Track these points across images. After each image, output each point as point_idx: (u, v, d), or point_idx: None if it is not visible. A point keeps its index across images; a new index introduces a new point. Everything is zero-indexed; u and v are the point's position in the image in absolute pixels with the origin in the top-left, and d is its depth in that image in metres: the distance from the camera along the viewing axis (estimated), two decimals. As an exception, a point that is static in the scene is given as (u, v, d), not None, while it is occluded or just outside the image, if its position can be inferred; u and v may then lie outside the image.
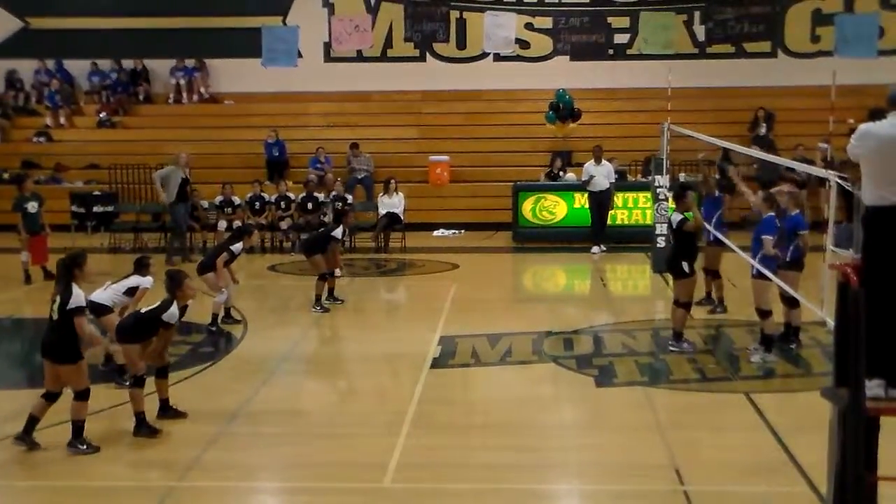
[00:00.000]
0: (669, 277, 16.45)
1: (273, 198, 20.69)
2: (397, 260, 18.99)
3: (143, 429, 8.82)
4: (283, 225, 20.25)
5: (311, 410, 10.07)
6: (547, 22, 23.66)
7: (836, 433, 5.46)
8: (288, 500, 7.90)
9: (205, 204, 20.36)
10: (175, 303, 9.00)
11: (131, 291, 10.68)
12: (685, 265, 11.56)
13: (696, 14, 23.72)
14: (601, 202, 19.43)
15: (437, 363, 11.26)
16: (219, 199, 20.32)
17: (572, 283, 18.02)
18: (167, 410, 9.28)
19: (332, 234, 14.47)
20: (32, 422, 8.48)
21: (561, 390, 10.50)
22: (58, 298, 8.35)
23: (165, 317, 8.89)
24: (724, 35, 20.91)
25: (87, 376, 8.58)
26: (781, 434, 8.70)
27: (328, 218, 19.96)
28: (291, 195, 20.71)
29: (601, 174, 19.40)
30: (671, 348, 11.61)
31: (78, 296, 8.35)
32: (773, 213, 11.03)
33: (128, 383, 9.19)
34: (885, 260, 5.56)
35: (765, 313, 10.96)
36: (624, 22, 22.95)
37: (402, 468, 8.07)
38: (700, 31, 23.80)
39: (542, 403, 10.02)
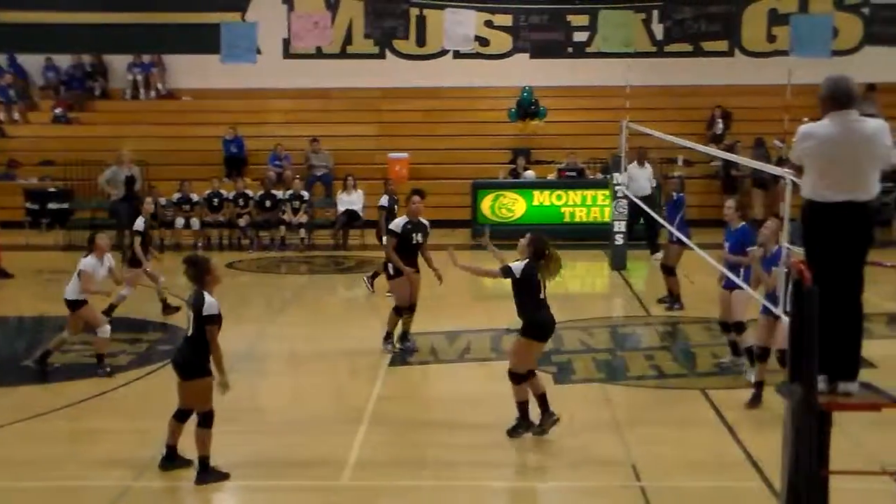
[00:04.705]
0: (628, 275, 16.66)
1: (231, 195, 20.56)
2: (356, 257, 18.93)
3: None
4: (242, 222, 20.14)
5: (268, 408, 10.03)
6: (507, 19, 23.73)
7: (789, 428, 5.51)
8: (245, 499, 7.85)
9: (162, 201, 20.18)
10: (206, 292, 7.81)
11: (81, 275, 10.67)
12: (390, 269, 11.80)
13: (655, 13, 23.94)
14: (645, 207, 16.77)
15: (395, 361, 11.25)
16: (176, 195, 20.22)
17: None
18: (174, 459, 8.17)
19: None
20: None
21: (519, 387, 10.52)
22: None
23: (205, 311, 7.69)
24: (681, 34, 21.10)
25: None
26: (737, 430, 8.80)
27: (286, 216, 19.93)
28: (250, 192, 20.59)
29: (644, 177, 18.48)
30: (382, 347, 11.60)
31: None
32: (745, 223, 10.52)
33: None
34: (819, 255, 5.63)
35: (742, 326, 10.42)
36: (583, 20, 23.00)
37: (359, 465, 8.07)
38: (658, 30, 24.02)
39: (501, 400, 9.98)
